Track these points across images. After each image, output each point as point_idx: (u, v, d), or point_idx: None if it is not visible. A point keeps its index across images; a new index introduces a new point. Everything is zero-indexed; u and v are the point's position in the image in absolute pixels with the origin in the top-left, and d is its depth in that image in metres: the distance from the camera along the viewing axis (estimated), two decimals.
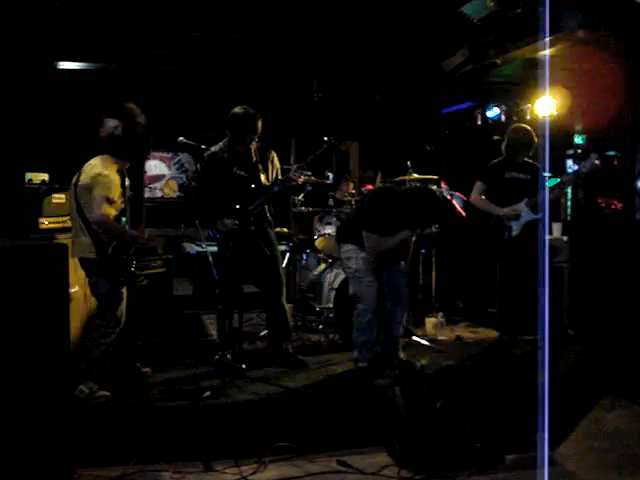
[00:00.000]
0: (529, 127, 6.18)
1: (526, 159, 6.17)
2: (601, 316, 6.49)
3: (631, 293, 6.31)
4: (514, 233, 6.03)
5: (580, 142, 8.72)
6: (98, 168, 4.72)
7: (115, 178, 4.74)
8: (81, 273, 4.97)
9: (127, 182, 4.90)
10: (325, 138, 5.46)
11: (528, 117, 8.12)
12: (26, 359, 3.39)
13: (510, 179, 6.11)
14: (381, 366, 5.40)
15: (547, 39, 6.32)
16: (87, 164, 4.81)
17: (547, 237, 6.39)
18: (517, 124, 6.34)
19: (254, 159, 5.52)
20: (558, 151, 7.61)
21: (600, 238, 7.10)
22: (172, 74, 7.89)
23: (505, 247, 6.10)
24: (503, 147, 6.24)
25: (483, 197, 6.13)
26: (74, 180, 4.81)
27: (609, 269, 6.64)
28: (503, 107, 8.20)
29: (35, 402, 3.41)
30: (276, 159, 5.72)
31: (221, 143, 5.58)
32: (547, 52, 6.69)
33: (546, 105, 7.65)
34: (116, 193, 4.74)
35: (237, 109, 5.43)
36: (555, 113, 7.64)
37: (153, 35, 7.17)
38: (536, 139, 6.09)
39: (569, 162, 8.58)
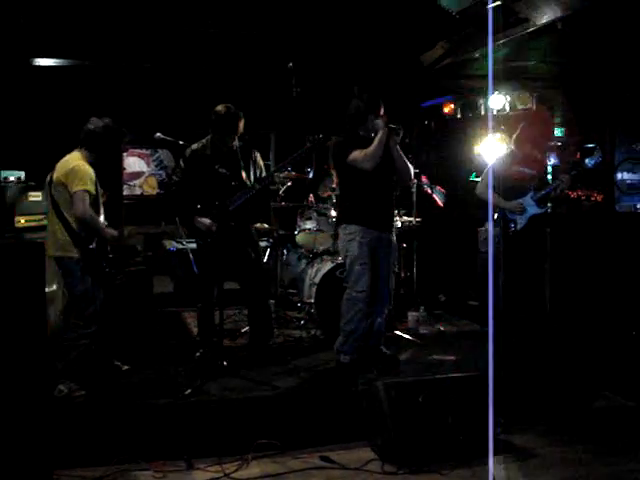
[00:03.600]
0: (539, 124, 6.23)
1: (533, 154, 6.19)
2: (583, 308, 6.50)
3: (612, 284, 6.33)
4: (519, 227, 6.05)
5: (560, 135, 8.78)
6: (72, 162, 4.69)
7: (90, 171, 4.70)
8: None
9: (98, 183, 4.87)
10: (311, 138, 5.42)
11: (507, 110, 8.15)
12: (3, 359, 3.35)
13: (516, 172, 6.10)
14: (363, 360, 5.38)
15: (528, 31, 6.34)
16: (60, 161, 4.78)
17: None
18: (529, 120, 6.32)
19: (237, 157, 5.47)
20: None
21: (580, 230, 7.12)
22: (148, 70, 7.83)
23: (510, 240, 6.10)
24: (512, 141, 6.26)
25: (490, 190, 6.11)
26: (48, 178, 4.76)
27: (590, 261, 6.65)
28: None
29: (12, 402, 3.36)
30: (259, 158, 5.68)
31: (204, 140, 5.52)
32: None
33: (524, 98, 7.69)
34: (94, 187, 4.69)
35: (219, 107, 5.37)
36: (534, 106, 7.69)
37: (128, 31, 7.10)
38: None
39: (551, 155, 8.64)
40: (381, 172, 5.31)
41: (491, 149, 7.88)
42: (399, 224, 6.47)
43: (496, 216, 6.15)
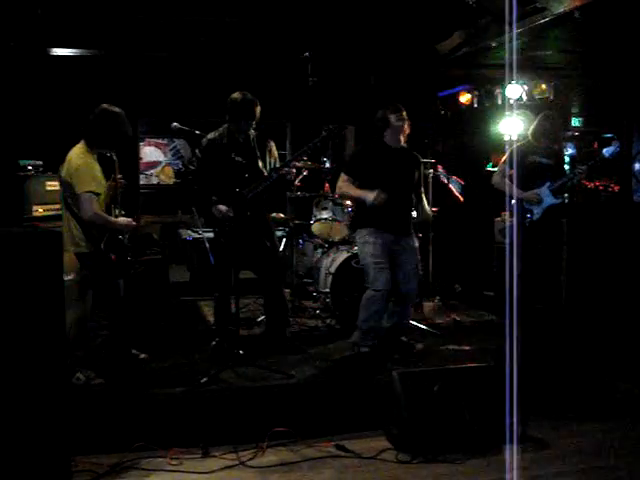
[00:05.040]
0: (556, 114, 6.18)
1: (549, 144, 6.14)
2: (599, 298, 6.48)
3: (629, 275, 6.30)
4: (535, 217, 6.02)
5: (577, 124, 8.73)
6: (75, 161, 4.65)
7: (95, 167, 4.67)
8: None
9: (117, 169, 4.86)
10: (326, 127, 5.42)
11: (525, 99, 8.11)
12: (22, 347, 3.38)
13: (533, 163, 6.06)
14: (381, 349, 5.39)
15: (543, 21, 6.29)
16: (68, 154, 4.75)
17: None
18: (547, 111, 6.27)
19: (253, 146, 5.48)
20: None
21: (597, 221, 7.09)
22: (165, 60, 7.84)
23: (525, 231, 6.06)
24: (530, 131, 6.22)
25: (506, 180, 6.08)
26: (59, 171, 4.76)
27: (607, 251, 6.62)
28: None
29: (31, 390, 3.40)
30: (274, 148, 5.69)
31: (220, 129, 5.53)
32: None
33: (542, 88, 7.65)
34: (101, 184, 4.69)
35: (235, 94, 5.38)
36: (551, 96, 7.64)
37: (144, 21, 7.10)
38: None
39: (568, 145, 8.60)
40: (396, 178, 5.36)
41: (508, 139, 7.84)
42: (415, 214, 6.46)
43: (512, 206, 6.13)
